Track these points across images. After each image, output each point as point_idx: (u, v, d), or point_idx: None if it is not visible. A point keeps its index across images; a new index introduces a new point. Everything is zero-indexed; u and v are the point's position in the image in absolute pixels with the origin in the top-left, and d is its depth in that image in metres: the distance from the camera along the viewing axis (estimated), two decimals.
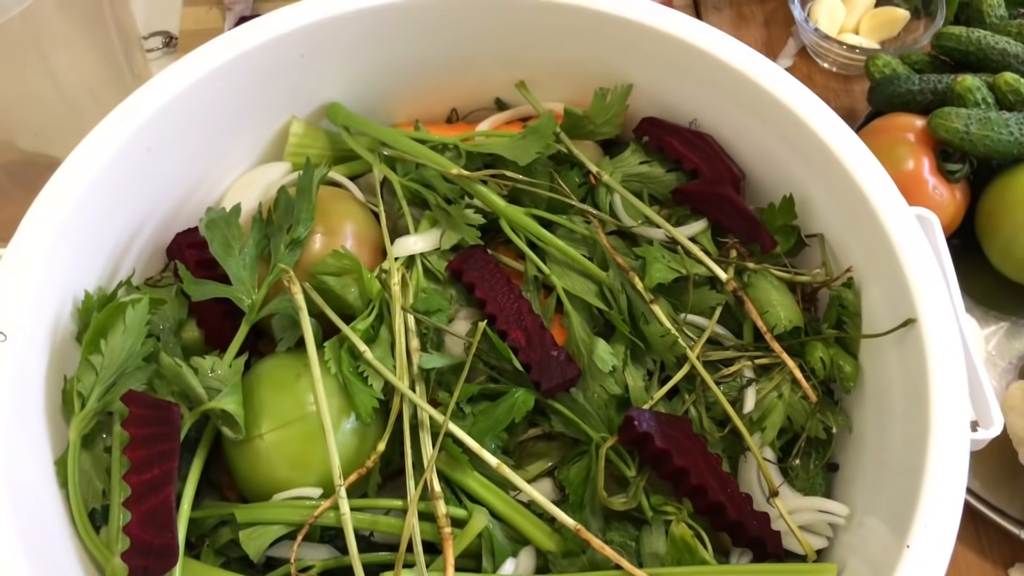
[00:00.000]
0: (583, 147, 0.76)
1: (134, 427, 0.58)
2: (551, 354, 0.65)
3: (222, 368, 0.62)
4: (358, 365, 0.63)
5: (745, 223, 0.69)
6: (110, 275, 0.68)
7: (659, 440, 0.61)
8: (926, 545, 0.52)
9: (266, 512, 0.60)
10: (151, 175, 0.69)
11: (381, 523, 0.61)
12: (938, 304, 0.59)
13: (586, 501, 0.63)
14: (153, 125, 0.66)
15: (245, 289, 0.65)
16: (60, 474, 0.60)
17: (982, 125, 0.83)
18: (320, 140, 0.77)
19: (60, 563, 0.57)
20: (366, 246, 0.71)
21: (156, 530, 0.56)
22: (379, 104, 0.80)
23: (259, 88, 0.73)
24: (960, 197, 0.87)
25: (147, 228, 0.71)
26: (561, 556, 0.62)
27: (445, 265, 0.70)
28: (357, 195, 0.75)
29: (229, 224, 0.67)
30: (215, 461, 0.66)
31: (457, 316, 0.69)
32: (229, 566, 0.62)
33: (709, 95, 0.73)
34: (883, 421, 0.63)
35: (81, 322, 0.64)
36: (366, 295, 0.66)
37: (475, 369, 0.66)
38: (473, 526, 0.60)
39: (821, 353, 0.65)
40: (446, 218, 0.71)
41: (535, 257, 0.70)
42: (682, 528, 0.61)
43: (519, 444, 0.67)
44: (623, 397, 0.65)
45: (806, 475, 0.66)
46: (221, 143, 0.73)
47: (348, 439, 0.62)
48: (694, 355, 0.65)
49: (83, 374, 0.60)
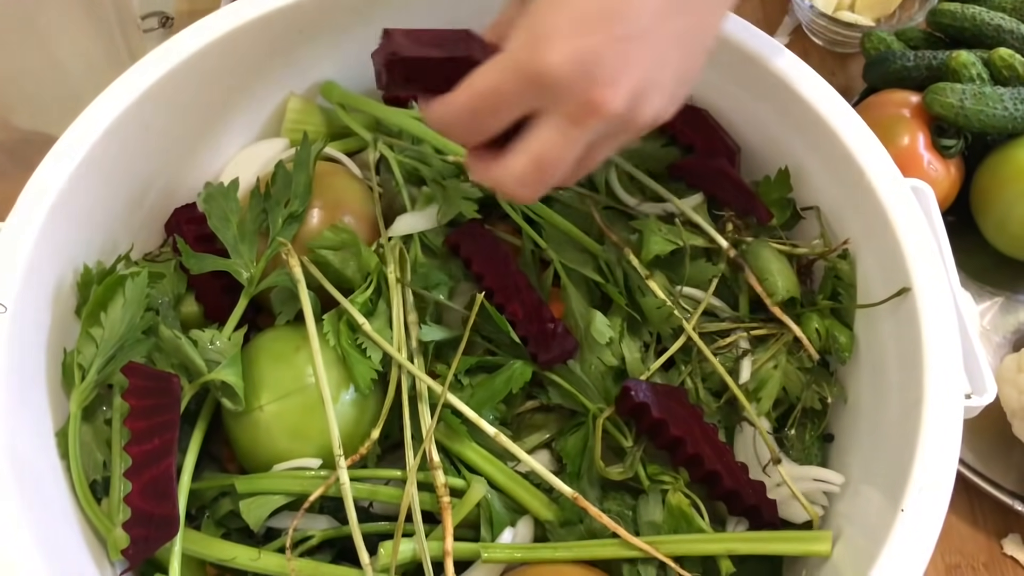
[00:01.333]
0: None
1: (134, 398, 0.59)
2: (548, 327, 0.65)
3: (221, 341, 0.63)
4: (357, 338, 0.63)
5: (741, 196, 0.70)
6: (109, 250, 0.68)
7: (655, 410, 0.61)
8: (920, 509, 0.53)
9: (266, 482, 0.61)
10: (149, 150, 0.69)
11: (380, 493, 0.62)
12: (932, 273, 0.60)
13: (583, 471, 0.64)
14: (150, 99, 0.66)
15: (244, 263, 0.66)
16: (60, 446, 0.60)
17: (977, 100, 0.84)
18: (317, 117, 0.77)
19: (62, 533, 0.57)
20: (364, 221, 0.71)
21: (157, 500, 0.57)
22: (374, 83, 0.79)
23: (256, 64, 0.73)
24: (955, 172, 0.88)
25: (145, 203, 0.71)
26: (559, 525, 0.62)
27: (442, 240, 0.70)
28: (354, 171, 0.75)
29: (227, 198, 0.67)
30: (215, 434, 0.66)
31: (455, 290, 0.70)
32: (229, 536, 0.63)
33: (705, 70, 0.73)
34: (878, 391, 0.63)
35: (80, 296, 0.64)
36: (364, 269, 0.67)
37: (473, 342, 0.66)
38: (472, 496, 0.61)
39: (817, 324, 0.66)
40: (443, 193, 0.71)
41: (532, 231, 0.70)
42: (679, 497, 0.62)
43: (517, 416, 0.67)
44: (620, 369, 0.66)
45: (801, 445, 0.66)
46: (219, 119, 0.74)
47: (347, 410, 0.63)
48: (690, 326, 0.65)
49: (83, 346, 0.61)
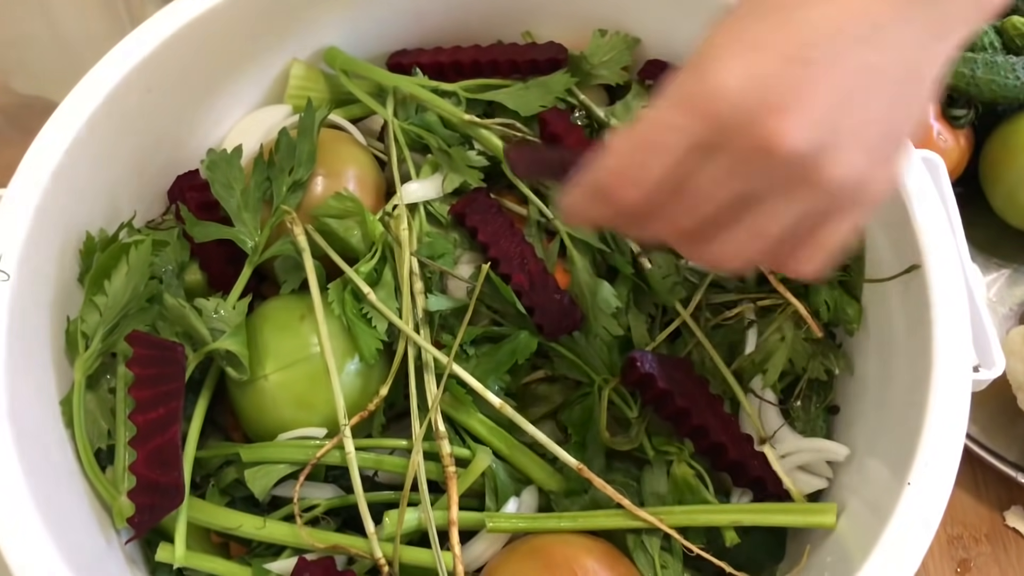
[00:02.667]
0: (588, 92, 0.75)
1: (139, 367, 0.58)
2: (554, 297, 0.65)
3: (225, 309, 0.62)
4: (362, 307, 0.63)
5: None
6: (111, 217, 0.67)
7: (661, 381, 0.61)
8: (926, 482, 0.53)
9: (271, 451, 0.61)
10: (151, 116, 0.68)
11: (385, 462, 0.61)
12: (943, 246, 0.59)
13: (588, 441, 0.64)
14: (152, 64, 0.65)
15: (248, 231, 0.65)
16: (65, 414, 0.60)
17: (988, 69, 0.83)
18: (321, 83, 0.76)
19: (66, 502, 0.57)
20: (368, 189, 0.70)
21: (162, 469, 0.57)
22: (378, 49, 0.78)
23: (259, 29, 0.72)
24: (964, 143, 0.87)
25: (148, 170, 0.70)
26: (564, 495, 0.62)
27: (448, 209, 0.70)
28: (359, 138, 0.75)
29: (231, 165, 0.66)
30: (219, 402, 0.66)
31: (460, 260, 0.69)
32: (234, 505, 0.63)
33: None
34: (885, 363, 0.63)
35: (83, 264, 0.64)
36: (369, 238, 0.66)
37: (478, 313, 0.66)
38: (477, 465, 0.61)
39: (825, 296, 0.65)
40: (448, 161, 0.70)
41: (538, 201, 0.70)
42: (683, 468, 0.62)
43: (522, 386, 0.67)
44: (626, 339, 0.65)
45: (807, 417, 0.66)
46: (221, 84, 0.73)
47: (352, 380, 0.62)
48: (697, 297, 0.65)
49: (87, 314, 0.60)
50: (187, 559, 0.58)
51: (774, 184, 0.41)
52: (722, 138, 0.40)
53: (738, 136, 0.39)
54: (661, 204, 0.42)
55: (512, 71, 0.74)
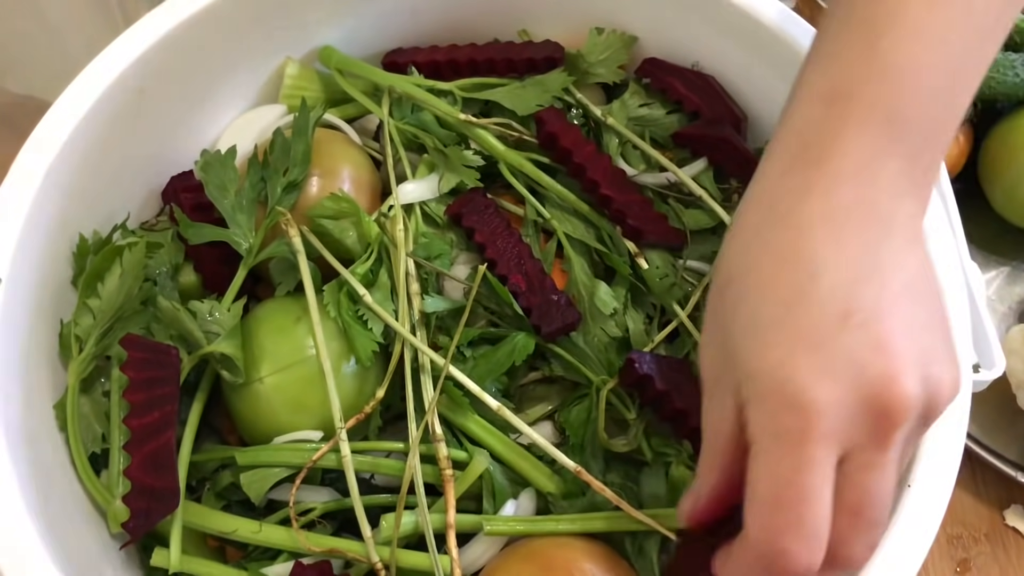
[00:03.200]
0: (584, 90, 0.74)
1: (133, 370, 0.58)
2: (551, 298, 0.64)
3: (220, 312, 0.62)
4: (357, 309, 0.63)
5: (747, 166, 0.68)
6: (105, 219, 0.67)
7: (659, 382, 0.61)
8: (927, 484, 0.52)
9: (267, 455, 0.60)
10: (144, 116, 0.67)
11: (382, 465, 0.61)
12: (942, 245, 0.58)
13: (586, 443, 0.63)
14: (146, 64, 0.65)
15: (242, 232, 0.65)
16: (59, 418, 0.60)
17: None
18: (316, 82, 0.76)
19: (60, 507, 0.57)
20: (364, 190, 0.70)
21: (157, 473, 0.56)
22: (373, 48, 0.78)
23: (253, 28, 0.71)
24: (963, 140, 0.86)
25: (141, 171, 0.70)
26: (561, 498, 0.62)
27: (444, 209, 0.69)
28: (354, 138, 0.74)
29: (225, 166, 0.66)
30: (215, 406, 0.66)
31: (456, 261, 0.69)
32: (230, 509, 0.62)
33: (712, 36, 0.72)
34: None
35: (77, 266, 0.63)
36: (364, 239, 0.66)
37: (475, 314, 0.66)
38: (474, 468, 0.61)
39: None
40: (444, 161, 0.70)
41: (535, 201, 0.69)
42: (681, 470, 0.61)
43: (519, 388, 0.67)
44: (624, 340, 0.65)
45: None
46: (215, 84, 0.72)
47: (348, 382, 0.62)
48: (695, 297, 0.64)
49: (80, 317, 0.60)
50: (183, 564, 0.58)
51: (909, 436, 0.41)
52: (855, 440, 0.39)
53: (872, 429, 0.39)
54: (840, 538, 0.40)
55: (509, 70, 0.73)
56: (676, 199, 0.69)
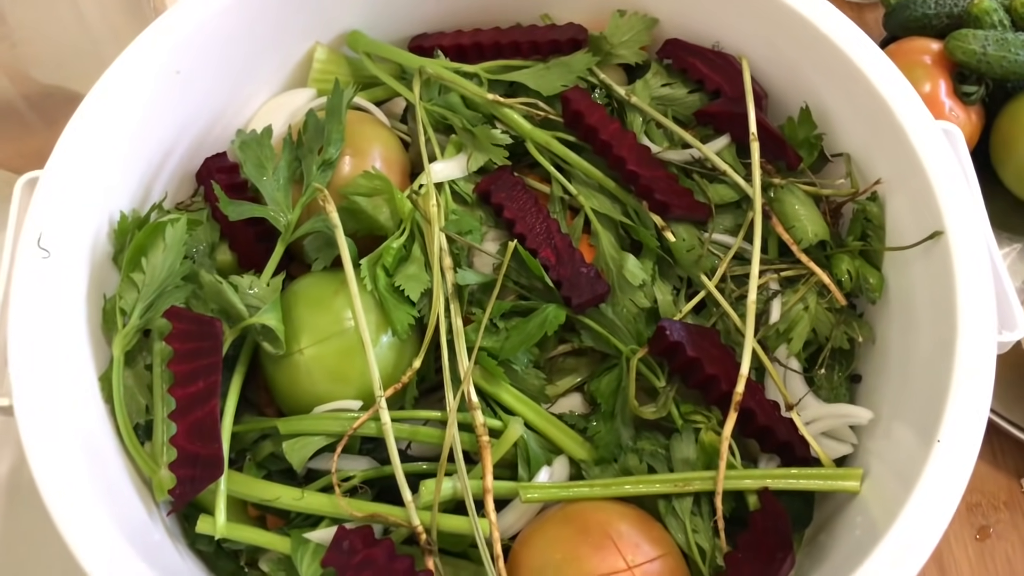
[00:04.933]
0: (607, 71, 0.76)
1: (178, 342, 0.59)
2: (581, 270, 0.66)
3: (260, 287, 0.63)
4: (394, 282, 0.64)
5: (769, 141, 0.70)
6: (142, 199, 0.68)
7: (690, 349, 0.62)
8: (956, 439, 0.54)
9: (308, 424, 0.62)
10: (179, 98, 0.69)
11: (420, 433, 0.63)
12: (965, 214, 0.60)
13: (617, 411, 0.65)
14: (182, 47, 0.67)
15: (280, 209, 0.66)
16: (104, 390, 0.61)
17: (999, 46, 0.84)
18: (344, 66, 0.78)
19: (110, 476, 0.58)
20: (394, 169, 0.71)
21: (202, 441, 0.58)
22: (398, 33, 0.79)
23: (282, 14, 0.73)
24: (976, 119, 0.88)
25: (176, 152, 0.71)
26: (594, 464, 0.64)
27: (472, 187, 0.71)
28: (383, 120, 0.76)
29: (262, 145, 0.67)
30: (252, 380, 0.67)
31: (485, 238, 0.70)
32: (271, 478, 0.64)
33: (731, 16, 0.73)
34: (908, 330, 0.64)
35: (117, 243, 0.65)
36: (397, 216, 0.67)
37: (505, 288, 0.67)
38: (509, 434, 0.62)
39: (847, 265, 0.66)
40: (472, 140, 0.71)
41: (562, 178, 0.71)
42: (711, 435, 0.63)
43: (549, 360, 0.68)
44: (652, 310, 0.67)
45: (830, 385, 0.67)
46: (246, 68, 0.74)
47: (385, 353, 0.63)
48: (721, 268, 0.66)
49: (125, 291, 0.61)
50: (228, 530, 0.59)
51: None
52: None
53: None
54: None
55: (533, 52, 0.75)
56: (700, 174, 0.70)
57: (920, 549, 0.52)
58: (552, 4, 0.78)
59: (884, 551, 0.53)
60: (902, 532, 0.53)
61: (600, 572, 0.56)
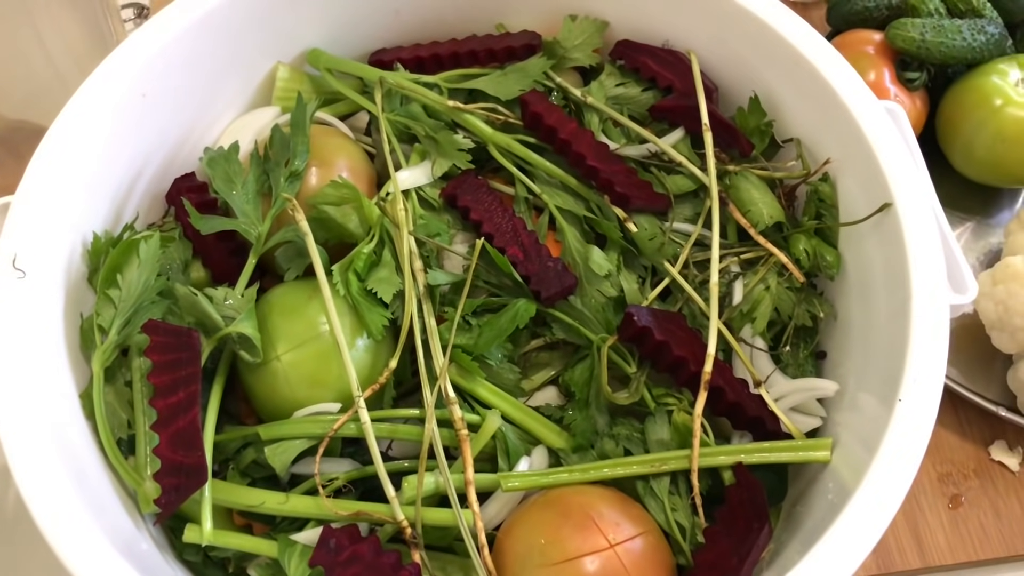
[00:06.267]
0: (562, 75, 0.78)
1: (156, 354, 0.60)
2: (548, 265, 0.68)
3: (234, 298, 0.64)
4: (366, 286, 0.65)
5: (722, 130, 0.72)
6: (114, 220, 0.70)
7: (658, 333, 0.64)
8: (917, 397, 0.56)
9: (289, 428, 0.63)
10: (146, 121, 0.70)
11: (400, 431, 0.64)
12: (911, 185, 0.63)
13: (591, 399, 0.66)
14: (146, 71, 0.68)
15: (251, 222, 0.68)
16: (85, 407, 0.62)
17: (937, 33, 0.88)
18: (306, 83, 0.79)
19: (97, 490, 0.59)
20: (360, 179, 0.73)
21: (186, 450, 0.59)
22: (358, 50, 0.81)
23: (243, 33, 0.74)
24: (920, 105, 0.91)
25: (145, 174, 0.72)
26: (571, 451, 0.65)
27: (439, 192, 0.73)
28: (347, 132, 0.77)
29: (229, 160, 0.69)
30: (231, 392, 0.68)
31: (454, 240, 0.72)
32: (255, 486, 0.64)
33: (679, 15, 0.76)
34: (866, 304, 0.66)
35: (91, 264, 0.66)
36: (366, 223, 0.69)
37: (475, 287, 0.69)
38: (487, 427, 0.63)
39: (804, 244, 0.69)
40: (436, 147, 0.73)
41: (525, 178, 0.73)
42: (683, 416, 0.64)
43: (523, 356, 0.70)
44: (620, 299, 0.68)
45: (795, 363, 0.69)
46: (211, 89, 0.75)
47: (362, 356, 0.65)
48: (683, 255, 0.68)
49: (102, 308, 0.62)
50: (215, 537, 0.60)
51: None
52: None
53: None
54: None
55: (490, 59, 0.77)
56: (657, 167, 0.73)
57: (889, 503, 0.54)
58: (506, 14, 0.81)
59: (854, 508, 0.55)
60: (870, 489, 0.55)
61: (583, 551, 0.57)
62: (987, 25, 0.88)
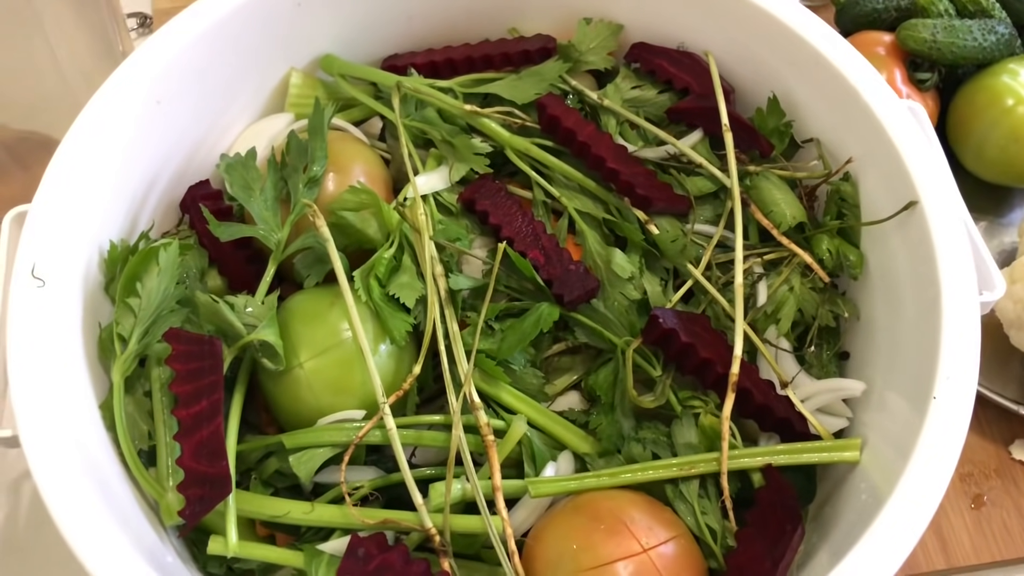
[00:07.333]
0: (577, 78, 0.78)
1: (178, 363, 0.59)
2: (570, 268, 0.67)
3: (254, 305, 0.64)
4: (388, 291, 0.65)
5: (741, 131, 0.72)
6: (130, 229, 0.69)
7: (684, 335, 0.63)
8: (951, 395, 0.55)
9: (313, 436, 0.62)
10: (161, 128, 0.70)
11: (425, 437, 0.63)
12: (937, 183, 0.63)
13: (616, 402, 0.66)
14: (162, 77, 0.68)
15: (270, 228, 0.67)
16: (106, 418, 0.61)
17: (948, 33, 0.88)
18: (320, 89, 0.79)
19: (119, 501, 0.58)
20: (377, 184, 0.72)
21: (209, 460, 0.58)
22: (371, 55, 0.81)
23: (256, 39, 0.74)
24: (932, 105, 0.91)
25: (160, 182, 0.72)
26: (598, 456, 0.64)
27: (456, 197, 0.72)
28: (362, 138, 0.77)
29: (247, 167, 0.68)
30: (251, 402, 0.67)
31: (472, 245, 0.71)
32: (278, 496, 0.64)
33: (695, 17, 0.76)
34: (891, 303, 0.66)
35: (108, 273, 0.65)
36: (385, 228, 0.68)
37: (496, 292, 0.68)
38: (513, 432, 0.63)
39: (827, 244, 0.68)
40: (452, 151, 0.73)
41: (543, 182, 0.72)
42: (711, 419, 0.64)
43: (545, 360, 0.69)
44: (643, 302, 0.68)
45: (819, 364, 0.69)
46: (224, 95, 0.75)
47: (385, 362, 0.64)
48: (706, 256, 0.68)
49: (122, 317, 0.61)
50: (240, 549, 0.59)
51: None
52: None
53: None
54: None
55: (505, 63, 0.77)
56: (677, 169, 0.72)
57: (926, 504, 0.53)
58: (519, 18, 0.81)
59: (889, 512, 0.54)
60: (906, 493, 0.55)
61: (616, 556, 0.57)
62: (997, 25, 0.89)
